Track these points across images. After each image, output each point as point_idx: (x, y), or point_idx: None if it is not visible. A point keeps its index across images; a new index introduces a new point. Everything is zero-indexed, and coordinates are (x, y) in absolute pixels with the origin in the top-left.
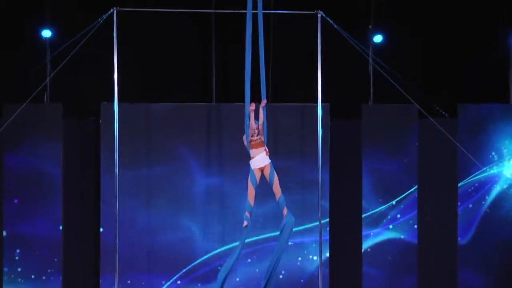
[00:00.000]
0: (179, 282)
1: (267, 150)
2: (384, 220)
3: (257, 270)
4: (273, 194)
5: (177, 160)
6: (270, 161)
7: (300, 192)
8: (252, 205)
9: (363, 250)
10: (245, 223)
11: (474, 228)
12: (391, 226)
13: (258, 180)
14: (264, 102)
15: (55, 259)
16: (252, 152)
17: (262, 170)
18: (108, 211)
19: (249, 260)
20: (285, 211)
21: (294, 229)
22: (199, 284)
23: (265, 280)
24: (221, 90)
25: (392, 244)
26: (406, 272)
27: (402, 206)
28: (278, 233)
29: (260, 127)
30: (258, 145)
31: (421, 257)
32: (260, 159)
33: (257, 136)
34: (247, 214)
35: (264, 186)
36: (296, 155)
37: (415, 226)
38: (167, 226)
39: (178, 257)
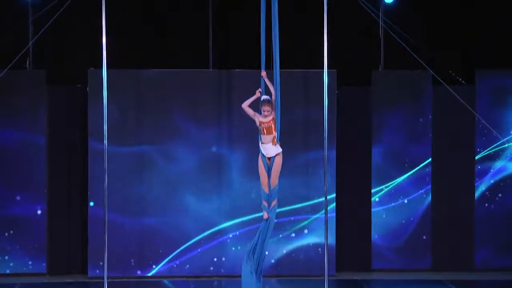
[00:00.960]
0: (175, 264)
1: (276, 138)
2: (396, 196)
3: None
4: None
5: (171, 130)
6: (281, 150)
7: (305, 166)
8: (267, 192)
9: (372, 228)
10: (265, 214)
11: (491, 203)
12: (406, 201)
13: (269, 164)
14: (263, 73)
15: (40, 237)
16: (263, 137)
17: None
18: (96, 186)
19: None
20: (274, 202)
21: (298, 205)
22: (196, 266)
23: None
24: (219, 55)
25: (404, 222)
26: (419, 253)
27: (415, 180)
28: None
29: (272, 104)
30: (268, 130)
31: (435, 236)
32: (269, 148)
33: (269, 116)
34: (264, 203)
35: None
36: (300, 126)
37: (428, 200)
38: (160, 201)
39: (170, 237)
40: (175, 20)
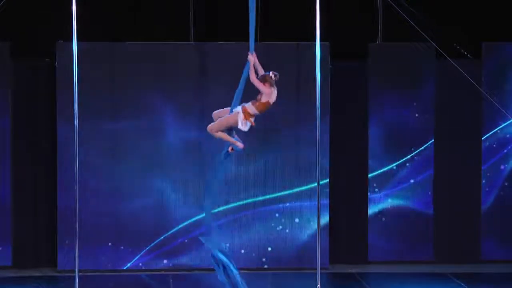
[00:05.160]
0: (152, 256)
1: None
2: (394, 181)
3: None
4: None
5: (147, 110)
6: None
7: (295, 148)
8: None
9: (368, 217)
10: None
11: (498, 189)
12: (405, 187)
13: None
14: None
15: (4, 226)
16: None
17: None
18: (65, 171)
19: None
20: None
21: (289, 191)
22: (176, 258)
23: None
24: (201, 26)
25: (403, 209)
26: (419, 243)
27: (415, 164)
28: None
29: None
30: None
31: (437, 225)
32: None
33: None
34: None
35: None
36: (290, 103)
37: (430, 186)
38: (136, 189)
39: (148, 226)
40: None
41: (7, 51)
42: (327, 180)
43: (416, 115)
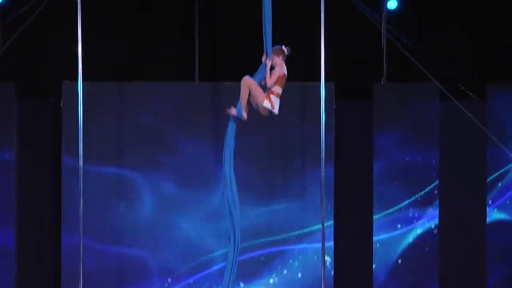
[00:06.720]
0: None
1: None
2: (401, 221)
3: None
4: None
5: (154, 148)
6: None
7: (300, 188)
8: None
9: (374, 258)
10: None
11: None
12: (411, 227)
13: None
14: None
15: (7, 269)
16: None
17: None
18: (70, 212)
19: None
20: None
21: (292, 233)
22: None
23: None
24: (206, 67)
25: (409, 251)
26: (426, 284)
27: (420, 205)
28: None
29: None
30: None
31: (443, 266)
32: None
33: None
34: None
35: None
36: (295, 143)
37: (435, 232)
38: (143, 228)
39: (150, 270)
40: (158, 28)
41: (12, 91)
42: (332, 221)
43: (421, 155)
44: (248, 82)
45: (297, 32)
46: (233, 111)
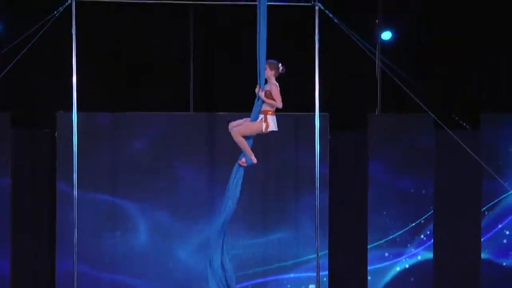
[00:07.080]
0: None
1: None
2: (393, 253)
3: None
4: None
5: (148, 178)
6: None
7: (295, 218)
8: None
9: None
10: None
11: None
12: (406, 259)
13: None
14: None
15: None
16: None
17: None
18: (64, 242)
19: None
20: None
21: (287, 263)
22: None
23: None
24: (200, 97)
25: (403, 282)
26: None
27: (415, 236)
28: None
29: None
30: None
31: None
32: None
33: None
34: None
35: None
36: (289, 174)
37: (430, 257)
38: (137, 257)
39: None
40: (153, 59)
41: (7, 121)
42: (327, 251)
43: (415, 186)
44: (236, 132)
45: (291, 63)
46: (243, 162)
